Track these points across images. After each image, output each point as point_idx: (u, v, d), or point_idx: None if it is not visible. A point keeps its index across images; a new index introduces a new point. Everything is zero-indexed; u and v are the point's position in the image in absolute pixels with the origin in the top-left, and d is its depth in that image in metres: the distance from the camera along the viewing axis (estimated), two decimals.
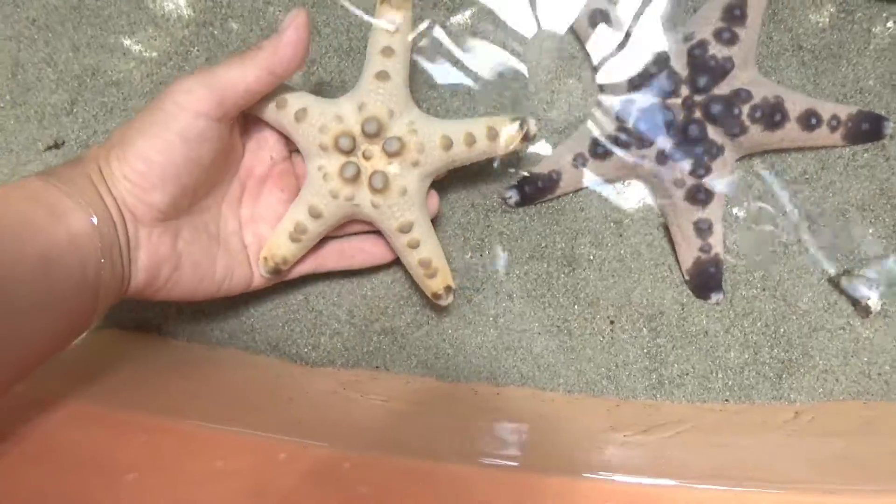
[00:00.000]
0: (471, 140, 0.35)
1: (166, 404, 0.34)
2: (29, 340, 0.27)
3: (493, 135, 0.35)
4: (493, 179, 0.43)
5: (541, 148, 0.43)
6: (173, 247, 0.33)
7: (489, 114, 0.42)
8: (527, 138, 0.36)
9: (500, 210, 0.43)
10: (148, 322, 0.42)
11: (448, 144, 0.35)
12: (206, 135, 0.31)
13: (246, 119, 0.37)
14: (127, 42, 0.43)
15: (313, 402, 0.37)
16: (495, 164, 0.43)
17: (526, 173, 0.42)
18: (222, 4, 0.43)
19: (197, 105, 0.31)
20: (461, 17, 0.43)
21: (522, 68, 0.43)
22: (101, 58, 0.43)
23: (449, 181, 0.42)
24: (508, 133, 0.36)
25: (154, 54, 0.43)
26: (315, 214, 0.35)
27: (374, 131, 0.34)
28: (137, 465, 0.28)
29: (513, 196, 0.42)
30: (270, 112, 0.35)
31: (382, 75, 0.34)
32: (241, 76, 0.31)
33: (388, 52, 0.34)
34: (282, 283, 0.42)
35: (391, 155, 0.34)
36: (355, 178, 0.34)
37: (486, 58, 0.43)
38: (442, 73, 0.43)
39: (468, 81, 0.43)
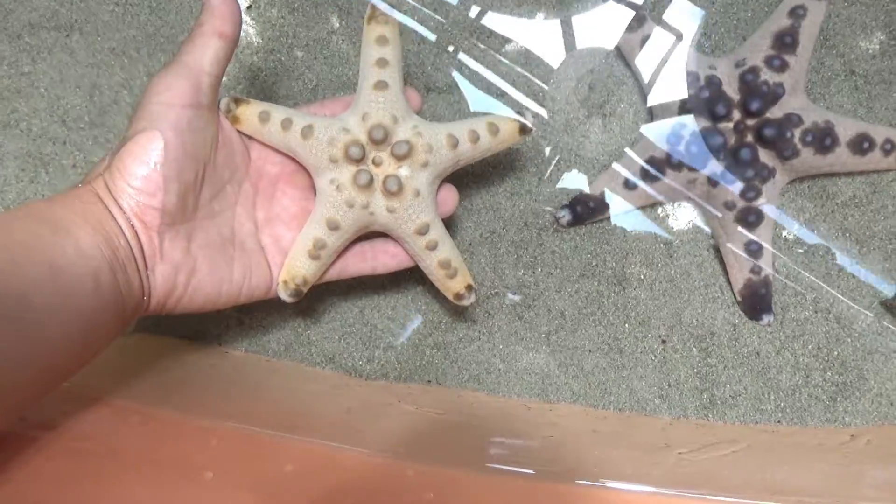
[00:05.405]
0: (475, 137, 0.36)
1: (231, 411, 0.35)
2: (46, 343, 0.27)
3: (494, 130, 0.37)
4: (545, 199, 0.44)
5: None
6: (187, 250, 0.33)
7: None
8: (524, 131, 0.37)
9: (553, 229, 0.44)
10: (207, 333, 0.44)
11: (454, 143, 0.36)
12: (196, 124, 0.33)
13: None
14: None
15: (372, 413, 0.38)
16: (547, 174, 0.44)
17: (578, 194, 0.43)
18: (289, 35, 0.45)
19: (180, 98, 0.32)
20: (509, 45, 0.44)
21: (570, 91, 0.44)
22: None
23: (504, 201, 0.44)
24: (508, 126, 0.37)
25: (223, 79, 0.45)
26: (333, 227, 0.35)
27: (381, 137, 0.35)
28: (213, 466, 0.29)
29: (565, 216, 0.43)
30: (276, 135, 0.36)
31: (380, 85, 0.35)
32: (202, 54, 0.33)
33: (382, 62, 0.36)
34: (337, 296, 0.44)
35: (400, 158, 0.35)
36: (369, 185, 0.35)
37: (528, 83, 0.44)
38: (480, 103, 0.44)
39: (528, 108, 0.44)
